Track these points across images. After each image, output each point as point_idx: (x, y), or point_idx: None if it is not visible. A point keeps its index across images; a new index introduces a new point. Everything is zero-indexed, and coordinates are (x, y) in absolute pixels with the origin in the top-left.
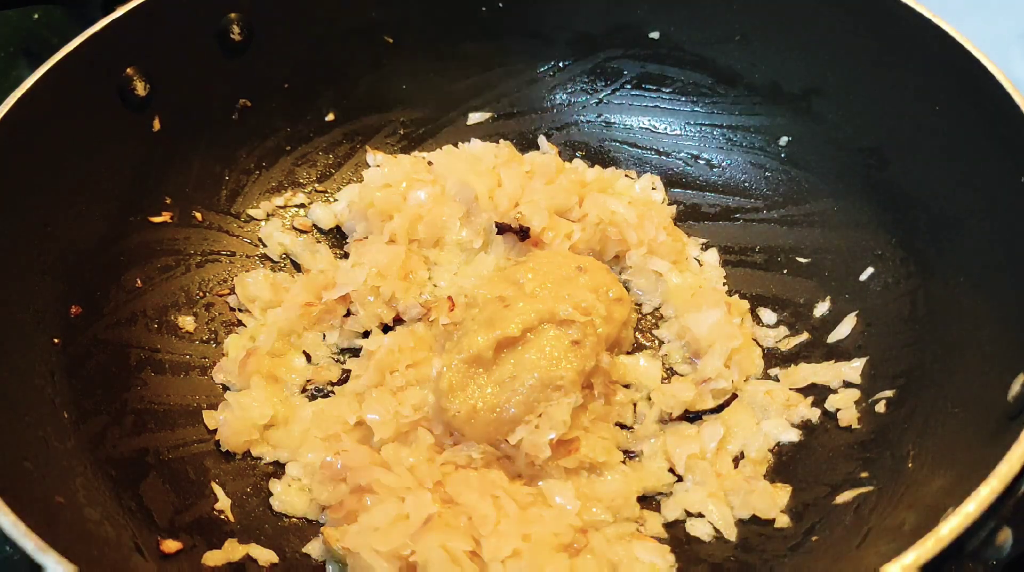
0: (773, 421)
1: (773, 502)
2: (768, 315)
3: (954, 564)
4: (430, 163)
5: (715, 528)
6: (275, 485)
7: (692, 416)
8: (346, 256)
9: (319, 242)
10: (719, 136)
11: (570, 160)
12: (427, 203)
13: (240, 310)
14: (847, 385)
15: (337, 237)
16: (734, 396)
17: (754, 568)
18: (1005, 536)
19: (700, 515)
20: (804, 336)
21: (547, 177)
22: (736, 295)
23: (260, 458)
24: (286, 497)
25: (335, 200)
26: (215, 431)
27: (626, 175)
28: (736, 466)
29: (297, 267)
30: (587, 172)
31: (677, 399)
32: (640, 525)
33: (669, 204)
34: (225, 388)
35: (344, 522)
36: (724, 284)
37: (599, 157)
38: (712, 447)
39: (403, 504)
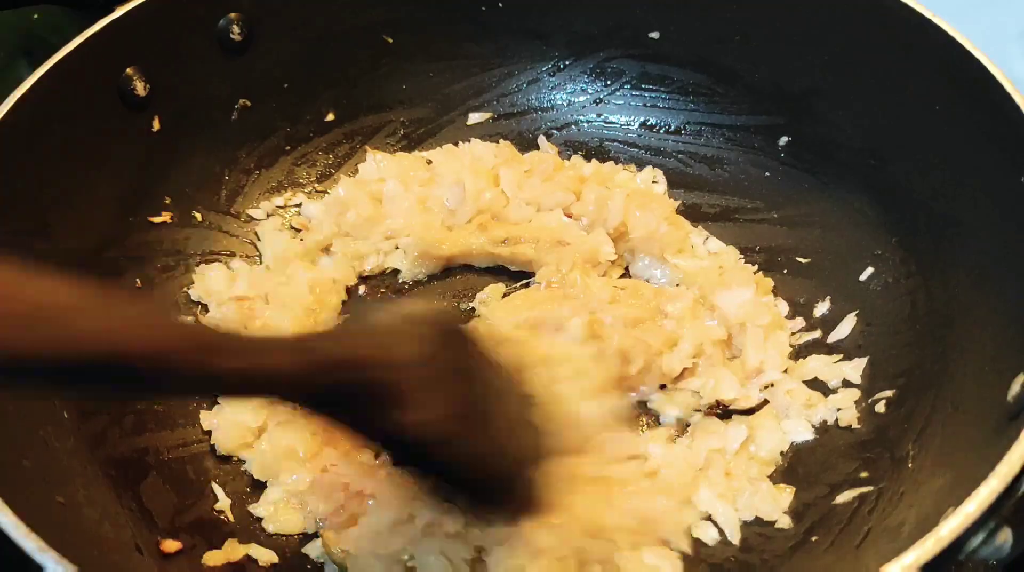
0: (793, 421)
1: (776, 504)
2: (782, 306)
3: (954, 564)
4: (429, 162)
5: (719, 530)
6: (259, 509)
7: (722, 412)
8: None
9: None
10: (719, 136)
11: (568, 159)
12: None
13: (199, 303)
14: (847, 385)
15: None
16: (765, 401)
17: (754, 568)
18: (1005, 536)
19: (708, 517)
20: (813, 334)
21: (544, 175)
22: None
23: None
24: (280, 517)
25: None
26: None
27: (624, 169)
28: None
29: None
30: (584, 167)
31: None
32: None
33: None
34: None
35: (344, 525)
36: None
37: (599, 157)
38: (734, 448)
39: (404, 508)
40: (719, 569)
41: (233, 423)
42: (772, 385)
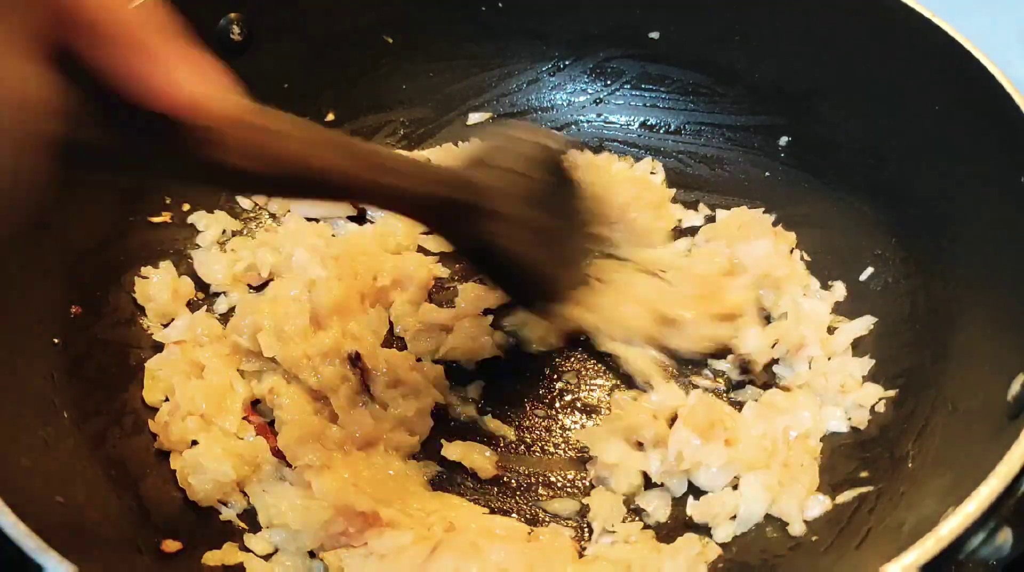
0: (830, 409)
1: (801, 509)
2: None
3: (954, 564)
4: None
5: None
6: (255, 543)
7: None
8: None
9: None
10: (719, 136)
11: None
12: None
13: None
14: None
15: None
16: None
17: (754, 568)
18: (1005, 536)
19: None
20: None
21: None
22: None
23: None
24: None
25: None
26: None
27: (621, 159)
28: None
29: None
30: (579, 157)
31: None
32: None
33: None
34: None
35: (349, 545)
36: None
37: None
38: (795, 434)
39: (413, 532)
40: (718, 568)
41: (205, 481)
42: (810, 363)
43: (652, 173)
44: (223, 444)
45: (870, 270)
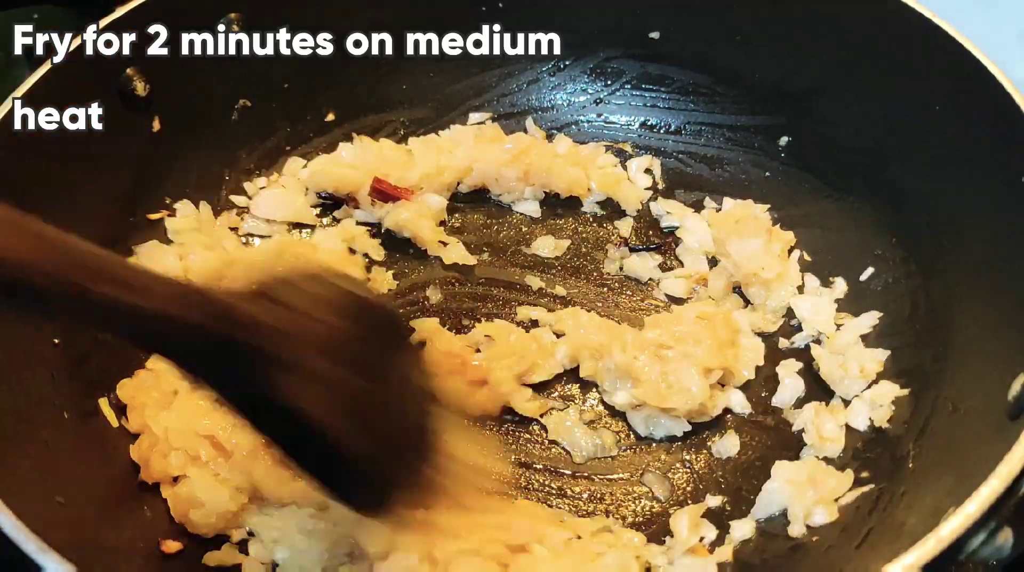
0: (859, 403)
1: (809, 515)
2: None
3: (954, 564)
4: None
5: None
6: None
7: None
8: None
9: None
10: (719, 136)
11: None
12: None
13: None
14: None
15: None
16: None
17: (754, 568)
18: (1006, 536)
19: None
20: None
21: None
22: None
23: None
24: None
25: None
26: None
27: (608, 148)
28: None
29: None
30: (560, 145)
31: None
32: None
33: None
34: None
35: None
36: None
37: None
38: (831, 427)
39: (418, 553)
40: (717, 566)
41: (206, 512)
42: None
43: (646, 170)
44: (214, 474)
45: (870, 270)
